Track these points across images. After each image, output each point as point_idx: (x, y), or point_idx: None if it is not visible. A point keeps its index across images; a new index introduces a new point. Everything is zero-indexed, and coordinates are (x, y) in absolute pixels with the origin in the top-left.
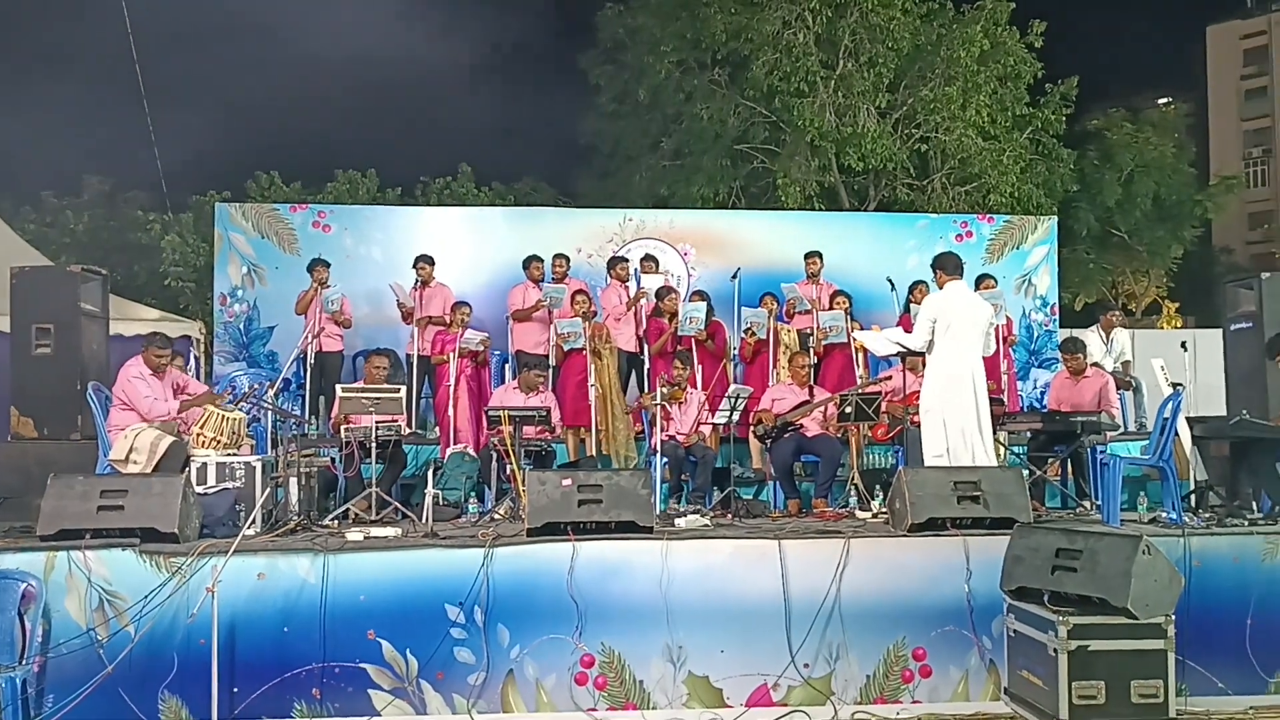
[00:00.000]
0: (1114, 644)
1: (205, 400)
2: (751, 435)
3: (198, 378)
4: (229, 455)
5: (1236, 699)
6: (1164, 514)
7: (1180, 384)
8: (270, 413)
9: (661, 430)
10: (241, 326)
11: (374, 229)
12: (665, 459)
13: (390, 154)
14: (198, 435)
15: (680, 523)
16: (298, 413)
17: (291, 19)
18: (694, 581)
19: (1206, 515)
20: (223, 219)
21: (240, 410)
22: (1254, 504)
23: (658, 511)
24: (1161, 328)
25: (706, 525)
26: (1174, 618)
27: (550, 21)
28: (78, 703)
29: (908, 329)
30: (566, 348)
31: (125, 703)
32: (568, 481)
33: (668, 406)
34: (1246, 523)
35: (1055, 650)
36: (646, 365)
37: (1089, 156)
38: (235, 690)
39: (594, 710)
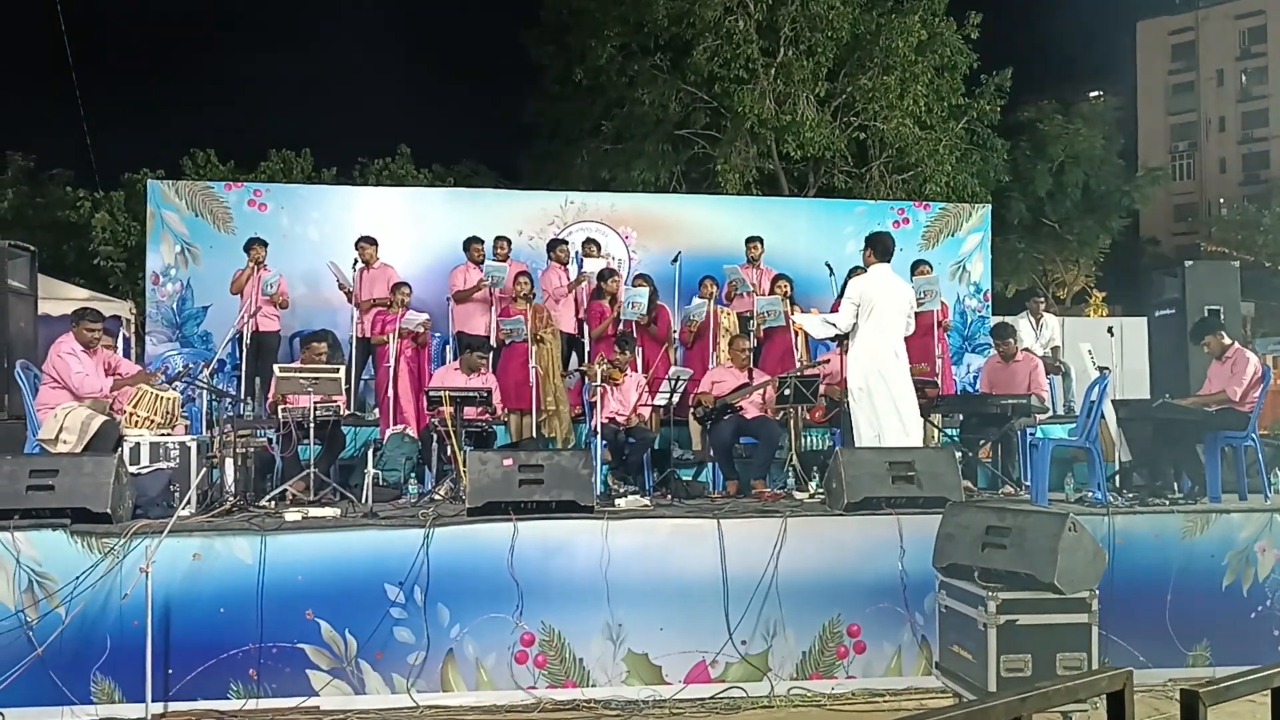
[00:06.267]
0: (1040, 618)
1: (139, 380)
2: (691, 417)
3: (129, 358)
4: (163, 435)
5: (1156, 671)
6: (1089, 493)
7: (1106, 368)
8: (205, 392)
9: (600, 412)
10: (174, 306)
11: (311, 208)
12: (605, 441)
13: (326, 133)
14: (131, 415)
15: (620, 503)
16: (234, 392)
17: None
18: (634, 560)
19: (1130, 495)
20: (155, 196)
21: (175, 390)
22: (1175, 484)
23: (598, 492)
24: (1089, 315)
25: (646, 505)
26: (1097, 593)
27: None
28: (6, 685)
29: None
30: (509, 341)
31: (56, 685)
32: (509, 461)
33: (606, 386)
34: (1167, 502)
35: (984, 625)
36: (586, 347)
37: (1021, 147)
38: (170, 671)
39: (534, 689)
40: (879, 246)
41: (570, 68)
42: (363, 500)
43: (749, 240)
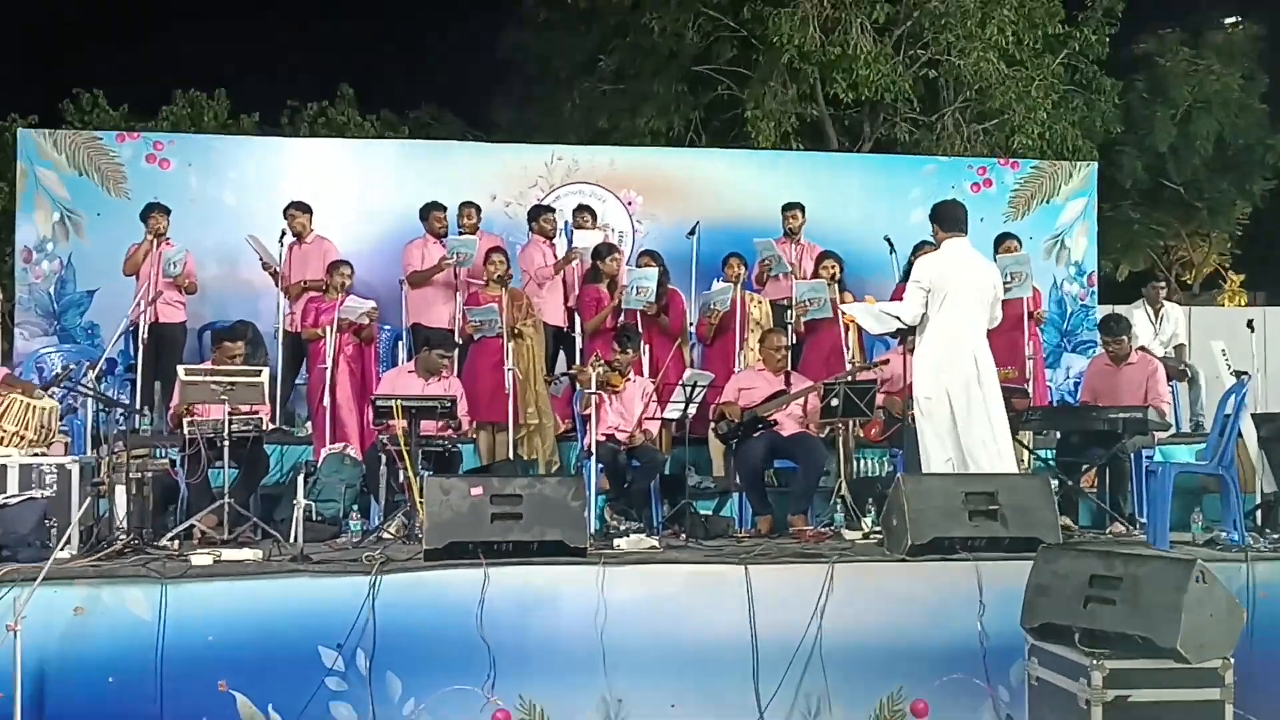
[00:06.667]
0: (1159, 694)
1: (12, 388)
2: (712, 434)
3: None
4: (36, 455)
5: None
6: (1223, 533)
7: (1246, 373)
8: (91, 401)
9: (595, 428)
10: (51, 290)
11: (226, 165)
12: (601, 464)
13: (246, 70)
14: None
15: (621, 543)
16: (127, 401)
17: None
18: (638, 618)
19: (1275, 536)
20: (28, 150)
21: (51, 397)
22: None
23: (592, 529)
24: (1223, 304)
25: (654, 547)
26: (1233, 661)
27: None
28: None
29: None
30: (479, 336)
31: None
32: (478, 490)
33: (602, 394)
34: None
35: (1087, 701)
36: (578, 344)
37: (1137, 89)
38: None
39: None
40: (948, 217)
41: None
42: (291, 539)
43: (787, 208)
